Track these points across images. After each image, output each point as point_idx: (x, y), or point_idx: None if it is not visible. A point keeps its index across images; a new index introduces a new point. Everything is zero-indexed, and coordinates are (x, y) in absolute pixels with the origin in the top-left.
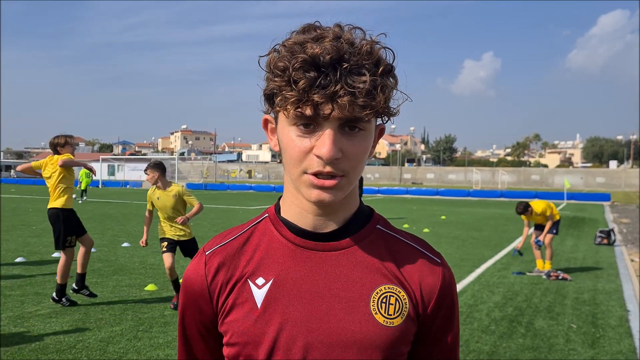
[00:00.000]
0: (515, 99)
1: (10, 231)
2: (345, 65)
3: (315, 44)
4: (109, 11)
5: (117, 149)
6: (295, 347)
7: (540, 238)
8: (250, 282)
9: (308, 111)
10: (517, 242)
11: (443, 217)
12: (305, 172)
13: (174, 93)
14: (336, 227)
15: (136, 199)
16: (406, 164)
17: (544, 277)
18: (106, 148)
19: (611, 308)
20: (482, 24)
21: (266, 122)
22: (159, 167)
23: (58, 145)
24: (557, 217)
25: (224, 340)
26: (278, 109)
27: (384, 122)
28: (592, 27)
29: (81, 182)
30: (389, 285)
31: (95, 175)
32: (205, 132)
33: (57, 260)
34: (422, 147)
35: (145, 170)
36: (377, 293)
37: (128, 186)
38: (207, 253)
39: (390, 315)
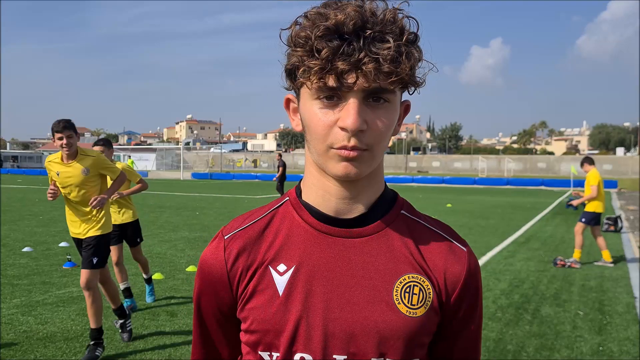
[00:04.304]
0: (522, 86)
1: (17, 221)
2: (369, 32)
3: (338, 11)
4: (115, 3)
5: (123, 139)
6: (315, 336)
7: (573, 203)
8: (271, 268)
9: (331, 81)
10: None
11: (449, 205)
12: (331, 148)
13: (179, 83)
14: (359, 213)
15: None
16: (412, 152)
17: (560, 264)
18: (112, 138)
19: (618, 295)
20: (490, 10)
21: (288, 101)
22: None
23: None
24: (595, 209)
25: (243, 326)
26: (301, 80)
27: (410, 92)
28: (602, 11)
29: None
30: (412, 274)
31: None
32: (210, 121)
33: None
34: (428, 135)
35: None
36: (400, 282)
37: None
38: (226, 237)
39: (414, 305)
